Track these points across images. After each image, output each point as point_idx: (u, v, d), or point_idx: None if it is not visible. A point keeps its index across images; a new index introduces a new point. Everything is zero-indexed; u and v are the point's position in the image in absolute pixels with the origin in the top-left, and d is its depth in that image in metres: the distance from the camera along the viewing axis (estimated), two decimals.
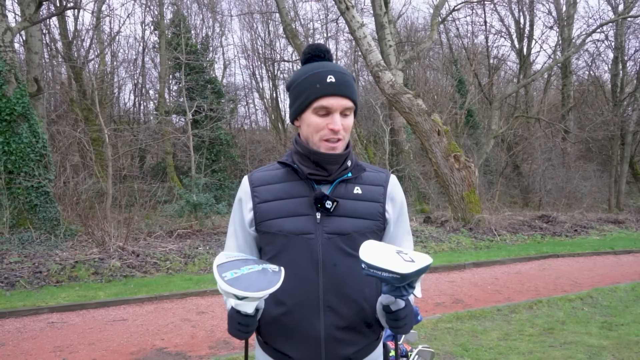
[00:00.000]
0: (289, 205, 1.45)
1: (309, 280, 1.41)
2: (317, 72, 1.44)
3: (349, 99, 1.44)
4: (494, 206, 14.93)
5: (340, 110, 1.42)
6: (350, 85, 1.45)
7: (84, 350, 4.73)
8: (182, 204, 11.77)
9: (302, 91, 1.45)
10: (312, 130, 1.44)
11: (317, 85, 1.42)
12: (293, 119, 1.53)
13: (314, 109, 1.43)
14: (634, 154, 22.09)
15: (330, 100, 1.41)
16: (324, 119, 1.43)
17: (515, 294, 6.89)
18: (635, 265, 8.91)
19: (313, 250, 1.42)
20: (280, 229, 1.44)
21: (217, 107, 16.35)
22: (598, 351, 4.36)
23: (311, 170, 1.46)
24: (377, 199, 1.50)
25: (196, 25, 21.75)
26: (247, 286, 1.20)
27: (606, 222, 14.00)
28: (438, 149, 11.80)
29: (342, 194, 1.47)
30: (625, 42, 20.73)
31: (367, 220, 1.47)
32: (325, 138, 1.43)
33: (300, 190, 1.47)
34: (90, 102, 14.57)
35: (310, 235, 1.42)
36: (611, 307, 5.90)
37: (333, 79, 1.42)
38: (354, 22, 11.76)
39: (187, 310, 6.20)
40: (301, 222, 1.43)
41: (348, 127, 1.46)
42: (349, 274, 1.42)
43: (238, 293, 1.18)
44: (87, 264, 7.95)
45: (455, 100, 20.61)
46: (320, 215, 1.43)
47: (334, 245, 1.42)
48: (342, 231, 1.43)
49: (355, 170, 1.52)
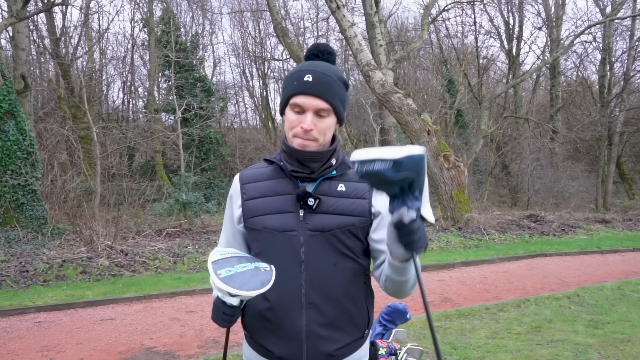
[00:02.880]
0: (273, 202, 1.48)
1: (291, 276, 1.43)
2: (299, 70, 1.45)
3: (324, 100, 1.42)
4: (483, 205, 15.03)
5: (314, 110, 1.42)
6: (328, 86, 1.43)
7: (71, 350, 4.69)
8: (172, 202, 11.71)
9: (284, 87, 1.49)
10: (288, 126, 1.47)
11: (295, 82, 1.43)
12: (281, 113, 1.55)
13: (290, 105, 1.45)
14: (621, 154, 22.33)
15: (303, 99, 1.42)
16: (298, 116, 1.44)
17: (503, 293, 6.95)
18: (621, 264, 9.02)
19: (295, 247, 1.44)
20: (265, 225, 1.46)
21: (206, 106, 16.28)
22: (584, 349, 4.41)
23: (294, 168, 1.47)
24: (362, 195, 1.49)
25: (186, 23, 21.64)
26: (241, 285, 1.24)
27: (593, 222, 14.14)
28: (428, 149, 11.84)
29: (325, 191, 1.48)
30: (612, 43, 20.93)
31: (351, 216, 1.46)
32: (296, 135, 1.44)
33: (285, 187, 1.49)
34: (79, 99, 14.44)
35: (293, 232, 1.44)
36: (597, 306, 5.97)
37: (310, 78, 1.42)
38: (344, 21, 11.77)
39: (176, 309, 6.18)
40: (285, 219, 1.45)
41: (323, 128, 1.45)
42: (331, 271, 1.44)
43: (232, 291, 1.22)
44: (75, 263, 7.88)
45: (445, 100, 20.70)
46: (304, 212, 1.45)
47: (316, 242, 1.44)
48: (325, 228, 1.44)
49: (340, 168, 1.53)
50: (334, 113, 1.46)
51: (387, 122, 16.59)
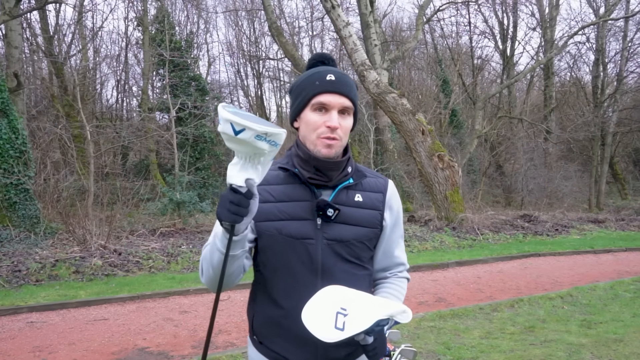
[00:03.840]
0: (289, 208, 1.46)
1: (307, 284, 1.42)
2: (318, 72, 1.46)
3: (348, 97, 1.44)
4: (477, 205, 15.07)
5: (339, 108, 1.43)
6: (349, 86, 1.46)
7: (64, 351, 4.66)
8: (165, 202, 11.66)
9: (302, 90, 1.46)
10: (310, 128, 1.44)
11: (317, 82, 1.43)
12: (293, 119, 1.54)
13: (312, 105, 1.43)
14: (614, 154, 22.48)
15: (328, 97, 1.42)
16: (322, 116, 1.43)
17: (497, 293, 6.97)
18: (614, 264, 9.07)
19: (313, 255, 1.43)
20: (280, 231, 1.44)
21: (201, 105, 16.21)
22: (577, 349, 4.43)
23: (312, 175, 1.46)
24: (376, 206, 1.52)
25: (180, 22, 21.59)
26: (247, 119, 1.16)
27: (586, 222, 14.22)
28: (422, 149, 11.86)
29: (343, 201, 1.48)
30: (606, 44, 21.06)
31: (366, 228, 1.49)
32: (322, 136, 1.42)
33: (301, 194, 1.47)
34: (72, 98, 14.35)
35: (311, 241, 1.44)
36: (590, 306, 6.00)
37: (333, 77, 1.44)
38: (339, 21, 11.76)
39: (170, 309, 6.15)
40: (302, 227, 1.44)
41: (346, 128, 1.46)
42: (346, 280, 1.44)
43: (235, 119, 1.13)
44: (68, 262, 7.84)
45: (440, 100, 20.75)
46: (321, 221, 1.45)
47: (332, 251, 1.45)
48: (342, 238, 1.45)
49: (356, 176, 1.53)
50: (353, 114, 1.49)
51: (382, 121, 16.61)
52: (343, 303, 1.27)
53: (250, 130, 1.14)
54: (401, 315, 1.26)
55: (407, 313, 1.26)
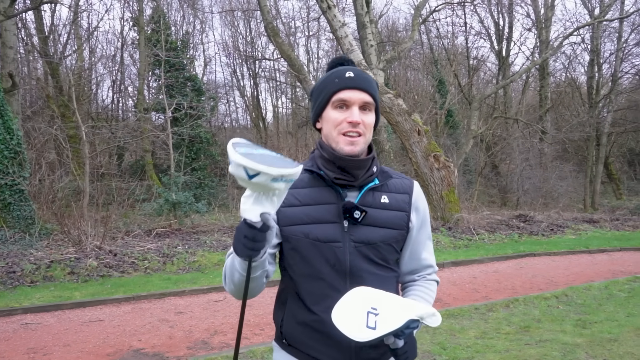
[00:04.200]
0: (316, 211, 1.45)
1: (336, 287, 1.41)
2: (337, 70, 1.47)
3: (368, 93, 1.44)
4: (472, 205, 15.11)
5: (359, 104, 1.42)
6: (369, 82, 1.46)
7: (58, 352, 4.65)
8: (161, 202, 11.64)
9: (322, 89, 1.47)
10: (331, 125, 1.44)
11: (336, 80, 1.44)
12: (315, 121, 1.53)
13: (333, 103, 1.44)
14: (609, 154, 22.58)
15: (348, 93, 1.42)
16: (343, 113, 1.43)
17: (492, 293, 6.98)
18: (608, 263, 9.10)
19: (341, 259, 1.43)
20: (307, 235, 1.43)
21: (197, 105, 16.20)
22: (572, 349, 4.44)
23: (337, 175, 1.45)
24: (403, 208, 1.51)
25: (176, 22, 21.55)
26: (261, 161, 1.10)
27: (581, 222, 14.26)
28: (418, 149, 11.88)
29: (370, 202, 1.46)
30: (600, 45, 21.14)
31: (393, 230, 1.48)
32: (343, 132, 1.42)
33: (326, 196, 1.46)
34: (67, 98, 14.30)
35: (338, 244, 1.43)
36: (585, 305, 6.02)
37: (352, 74, 1.44)
38: (335, 21, 11.77)
39: (165, 310, 6.14)
40: (329, 230, 1.43)
41: (369, 124, 1.45)
42: (374, 282, 1.42)
43: (249, 164, 1.08)
44: (63, 263, 7.81)
45: (436, 101, 20.79)
46: (348, 223, 1.44)
47: (360, 254, 1.44)
48: (370, 241, 1.44)
49: (382, 177, 1.52)
50: (375, 111, 1.48)
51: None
52: (373, 303, 1.27)
53: (265, 174, 1.09)
54: (431, 318, 1.24)
55: (436, 316, 1.24)
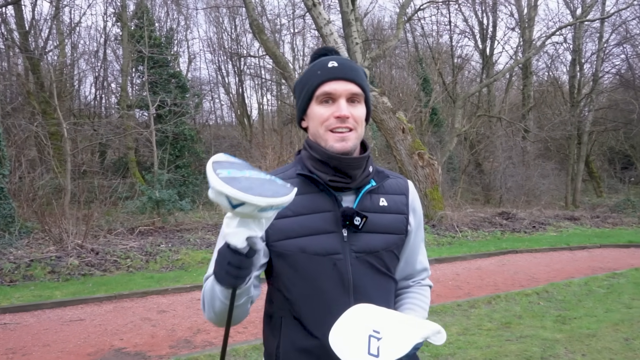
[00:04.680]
0: (311, 221, 1.28)
1: (341, 306, 1.23)
2: (320, 61, 1.33)
3: (355, 83, 1.29)
4: (456, 203, 15.23)
5: (346, 95, 1.28)
6: (356, 70, 1.31)
7: (38, 352, 4.58)
8: (144, 200, 11.55)
9: (305, 84, 1.32)
10: (317, 122, 1.30)
11: (319, 72, 1.30)
12: (300, 119, 1.39)
13: (317, 98, 1.29)
14: (590, 153, 22.93)
15: (333, 85, 1.27)
16: (329, 107, 1.28)
17: (475, 289, 7.05)
18: (588, 260, 9.25)
19: (343, 273, 1.27)
20: (304, 249, 1.26)
21: (181, 102, 16.07)
22: (552, 344, 4.51)
23: (332, 177, 1.29)
24: (401, 210, 1.38)
25: (160, 18, 21.32)
26: (247, 189, 0.92)
27: (562, 219, 14.47)
28: (402, 147, 11.94)
29: (368, 207, 1.32)
30: (582, 45, 21.46)
31: (394, 235, 1.35)
32: (331, 128, 1.28)
33: (321, 203, 1.30)
34: (49, 94, 14.08)
35: (339, 256, 1.27)
36: (565, 301, 6.11)
37: (336, 63, 1.29)
38: (320, 18, 11.76)
39: (148, 309, 6.09)
40: (327, 241, 1.27)
41: (359, 117, 1.30)
42: (379, 295, 1.32)
43: (232, 193, 0.90)
44: (44, 262, 7.70)
45: (420, 99, 20.90)
46: (347, 232, 1.29)
47: (363, 265, 1.29)
48: (371, 249, 1.30)
49: (378, 178, 1.38)
50: (365, 102, 1.34)
51: None
52: (375, 324, 1.12)
53: (251, 205, 0.91)
54: (436, 336, 1.13)
55: (442, 334, 1.13)
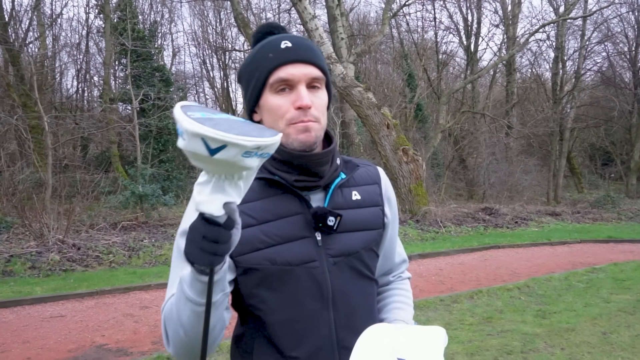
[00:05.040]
0: (279, 228, 1.11)
1: (320, 321, 1.11)
2: (268, 42, 1.12)
3: (315, 65, 1.10)
4: (440, 198, 15.35)
5: (306, 80, 1.09)
6: (313, 50, 1.12)
7: (17, 349, 4.52)
8: (127, 195, 11.43)
9: (254, 70, 1.11)
10: (275, 116, 1.10)
11: (270, 54, 1.09)
12: (250, 112, 1.17)
13: (271, 86, 1.09)
14: (571, 149, 23.29)
15: (289, 69, 1.07)
16: (287, 96, 1.09)
17: (457, 284, 7.12)
18: (569, 255, 9.39)
19: (320, 282, 1.11)
20: (273, 260, 1.09)
21: (165, 96, 15.90)
22: (532, 339, 4.58)
23: (298, 177, 1.12)
24: (376, 201, 1.22)
25: (144, 11, 21.06)
26: (227, 129, 0.74)
27: (544, 215, 14.67)
28: (387, 142, 11.97)
29: (341, 203, 1.16)
30: (565, 42, 21.72)
31: (372, 230, 1.20)
32: (292, 121, 1.08)
33: (288, 206, 1.12)
34: (29, 87, 13.83)
35: (314, 263, 1.11)
36: (546, 296, 6.20)
37: (289, 43, 1.09)
38: (305, 13, 11.72)
39: (130, 305, 6.04)
40: (299, 248, 1.11)
41: (321, 105, 1.12)
42: (360, 302, 1.17)
43: (211, 133, 0.72)
44: (24, 257, 7.59)
45: (405, 95, 20.98)
46: (321, 235, 1.13)
47: (342, 270, 1.14)
48: (350, 250, 1.15)
49: (347, 169, 1.21)
50: (326, 87, 1.16)
51: (348, 115, 16.68)
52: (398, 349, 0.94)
53: (236, 147, 0.74)
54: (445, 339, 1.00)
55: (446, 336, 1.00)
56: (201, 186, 0.82)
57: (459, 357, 4.16)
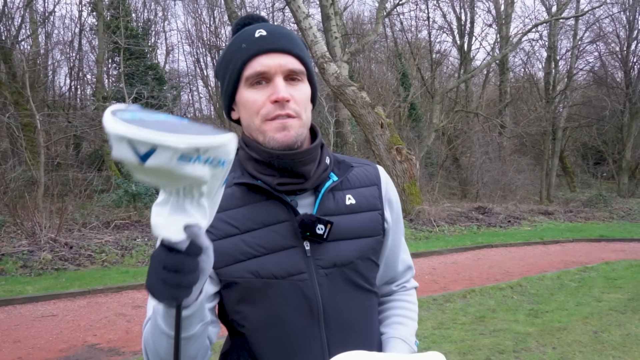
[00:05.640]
0: (263, 238, 1.01)
1: (310, 339, 1.02)
2: (243, 32, 1.03)
3: (293, 55, 1.00)
4: (433, 198, 15.38)
5: (283, 72, 0.99)
6: (292, 39, 1.03)
7: (8, 349, 4.49)
8: (120, 193, 11.39)
9: (228, 64, 1.02)
10: (250, 111, 1.00)
11: (243, 45, 1.00)
12: (228, 110, 1.08)
13: (246, 80, 1.00)
14: (564, 148, 23.41)
15: (264, 59, 0.98)
16: (262, 90, 0.99)
17: (450, 284, 7.15)
18: (561, 254, 9.45)
19: (310, 297, 1.02)
20: (257, 273, 1.00)
21: (158, 94, 15.85)
22: (524, 338, 4.60)
23: (281, 180, 1.02)
24: (374, 205, 1.11)
25: (137, 9, 20.96)
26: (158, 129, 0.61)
27: (537, 214, 14.75)
28: (381, 142, 11.99)
29: (332, 209, 1.06)
30: (557, 42, 21.84)
31: (369, 238, 1.09)
32: (269, 117, 0.98)
33: (273, 213, 1.02)
34: (21, 85, 13.74)
35: (302, 276, 1.01)
36: (538, 295, 6.24)
37: (264, 32, 1.00)
38: (299, 12, 11.70)
39: (123, 304, 6.02)
40: (286, 260, 1.01)
41: (301, 98, 1.01)
42: (355, 317, 1.07)
43: (136, 134, 0.59)
44: (15, 256, 7.55)
45: (399, 94, 21.00)
46: (310, 244, 1.03)
47: (333, 283, 1.04)
48: (343, 261, 1.04)
49: (339, 170, 1.10)
50: (308, 79, 1.05)
51: (342, 114, 16.69)
52: None
53: (167, 149, 0.61)
54: None
55: None
56: (159, 207, 0.71)
57: (451, 357, 4.17)
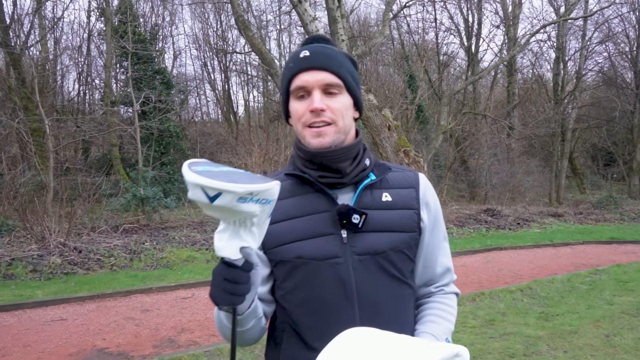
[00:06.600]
0: (306, 224, 1.19)
1: (344, 316, 1.16)
2: (294, 53, 1.23)
3: (330, 71, 1.17)
4: (442, 200, 15.30)
5: (320, 86, 1.17)
6: (330, 57, 1.20)
7: (18, 353, 4.51)
8: (129, 197, 11.43)
9: (282, 80, 1.25)
10: (295, 118, 1.21)
11: (291, 64, 1.20)
12: (287, 116, 1.28)
13: (293, 93, 1.20)
14: (573, 150, 23.21)
15: (304, 76, 1.17)
16: (305, 102, 1.18)
17: (460, 287, 7.00)
18: (571, 257, 9.36)
19: (344, 278, 1.16)
20: (300, 254, 1.17)
21: (166, 98, 15.91)
22: (534, 341, 4.55)
23: (320, 173, 1.20)
24: (410, 205, 1.25)
25: (145, 13, 21.08)
26: (222, 179, 0.88)
27: (547, 216, 14.63)
28: (388, 144, 11.93)
29: (368, 203, 1.21)
30: (566, 42, 21.68)
31: (403, 232, 1.22)
32: (307, 124, 1.18)
33: (316, 204, 1.20)
34: (30, 90, 13.85)
35: (338, 259, 1.16)
36: (548, 298, 6.18)
37: (307, 52, 1.19)
38: (306, 15, 11.68)
39: (131, 308, 6.03)
40: (324, 244, 1.17)
41: (337, 108, 1.18)
42: (387, 301, 1.20)
43: (206, 182, 0.85)
44: (25, 261, 7.59)
45: (406, 96, 20.94)
46: (347, 233, 1.18)
47: (366, 268, 1.17)
48: (376, 250, 1.18)
49: (378, 171, 1.27)
50: (347, 91, 1.21)
51: None
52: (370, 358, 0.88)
53: (229, 193, 0.86)
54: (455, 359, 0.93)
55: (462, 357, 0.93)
56: (220, 234, 0.95)
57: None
